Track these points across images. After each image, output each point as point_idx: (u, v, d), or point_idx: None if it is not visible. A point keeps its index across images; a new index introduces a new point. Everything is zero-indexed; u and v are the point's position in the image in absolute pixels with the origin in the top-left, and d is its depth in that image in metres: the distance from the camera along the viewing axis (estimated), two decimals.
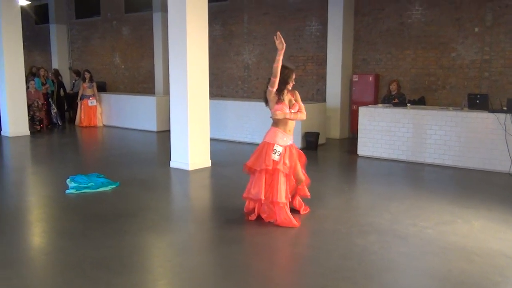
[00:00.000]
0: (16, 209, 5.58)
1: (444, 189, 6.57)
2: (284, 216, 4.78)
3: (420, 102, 9.72)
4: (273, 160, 4.80)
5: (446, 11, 9.86)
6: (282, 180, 4.79)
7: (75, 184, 6.29)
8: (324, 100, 11.33)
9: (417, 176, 7.57)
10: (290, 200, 5.05)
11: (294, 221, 4.77)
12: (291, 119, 4.99)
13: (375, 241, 4.44)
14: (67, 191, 6.14)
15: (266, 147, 4.91)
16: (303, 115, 5.10)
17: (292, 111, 5.00)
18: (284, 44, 5.06)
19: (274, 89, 4.86)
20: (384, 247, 4.29)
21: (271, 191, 4.78)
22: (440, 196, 6.08)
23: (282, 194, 4.76)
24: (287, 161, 4.88)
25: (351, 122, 11.21)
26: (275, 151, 4.82)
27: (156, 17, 14.39)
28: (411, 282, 3.66)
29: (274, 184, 4.78)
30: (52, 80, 14.11)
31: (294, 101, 5.10)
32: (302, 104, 5.10)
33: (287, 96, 5.05)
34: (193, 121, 7.54)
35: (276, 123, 5.00)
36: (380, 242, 4.40)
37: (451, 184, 7.04)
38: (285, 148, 4.93)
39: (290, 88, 5.07)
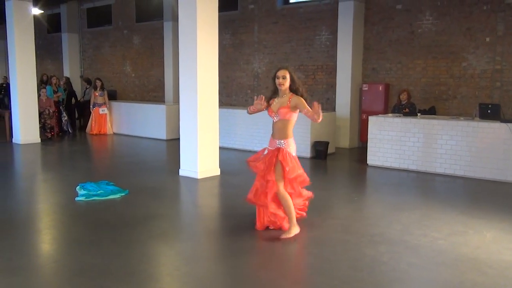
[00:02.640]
0: (26, 216, 5.61)
1: (455, 199, 6.50)
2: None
3: (430, 111, 9.65)
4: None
5: (456, 21, 9.82)
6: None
7: (85, 192, 6.32)
8: (334, 110, 11.31)
9: (428, 186, 7.50)
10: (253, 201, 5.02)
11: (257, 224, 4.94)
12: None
13: (385, 251, 4.39)
14: (77, 199, 6.17)
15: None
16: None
17: (275, 117, 4.92)
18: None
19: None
20: (395, 258, 4.24)
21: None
22: (451, 206, 6.01)
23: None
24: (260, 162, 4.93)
25: (361, 132, 11.16)
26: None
27: (167, 26, 14.51)
28: None
29: None
30: (64, 88, 14.24)
31: (289, 106, 4.82)
32: (308, 108, 4.82)
33: (278, 101, 4.94)
34: (202, 130, 7.55)
35: None
36: (391, 253, 4.36)
37: (462, 194, 6.96)
38: (268, 150, 5.03)
39: (282, 88, 4.92)
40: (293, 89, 4.89)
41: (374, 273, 3.91)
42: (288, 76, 4.87)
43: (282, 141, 4.84)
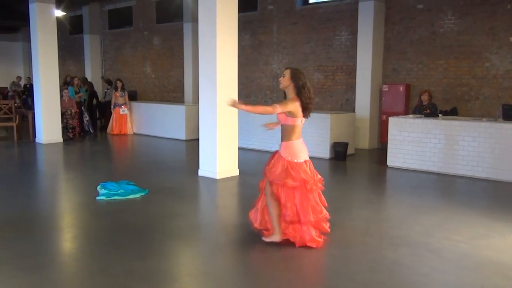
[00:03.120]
0: (49, 215, 5.71)
1: (478, 202, 6.39)
2: None
3: (452, 112, 9.50)
4: None
5: (479, 20, 9.66)
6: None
7: (106, 191, 6.39)
8: (353, 110, 11.23)
9: (449, 188, 7.39)
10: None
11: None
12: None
13: (406, 254, 4.34)
14: (98, 198, 6.24)
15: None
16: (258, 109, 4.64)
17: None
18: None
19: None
20: (416, 261, 4.18)
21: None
22: (474, 209, 5.91)
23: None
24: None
25: (381, 133, 11.06)
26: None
27: (187, 27, 14.61)
28: None
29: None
30: (86, 89, 14.44)
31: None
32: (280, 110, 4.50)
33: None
34: (221, 130, 7.58)
35: None
36: (411, 256, 4.30)
37: (484, 197, 6.84)
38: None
39: (280, 86, 4.70)
40: (296, 91, 4.59)
41: (394, 276, 3.86)
42: (288, 75, 4.58)
43: (280, 144, 4.72)
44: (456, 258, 4.24)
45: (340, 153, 9.50)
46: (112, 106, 13.70)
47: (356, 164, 9.33)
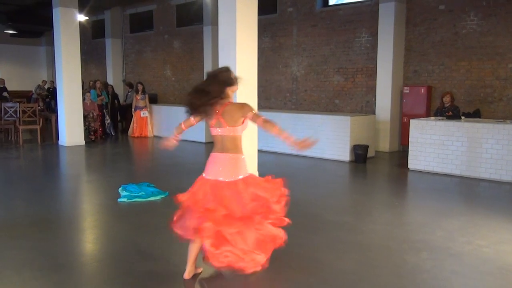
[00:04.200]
0: (71, 216, 5.80)
1: (502, 205, 6.26)
2: None
3: (475, 114, 9.35)
4: None
5: (503, 21, 9.48)
6: None
7: (127, 193, 6.47)
8: (374, 113, 11.14)
9: (472, 192, 7.26)
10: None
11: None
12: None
13: (427, 258, 4.28)
14: (119, 200, 6.32)
15: None
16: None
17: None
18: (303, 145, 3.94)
19: None
20: (437, 266, 4.12)
21: None
22: (497, 213, 5.80)
23: None
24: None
25: (402, 135, 10.94)
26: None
27: (207, 30, 14.69)
28: None
29: None
30: (107, 92, 14.64)
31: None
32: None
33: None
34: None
35: None
36: (433, 260, 4.24)
37: (509, 200, 6.70)
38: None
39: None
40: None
41: (415, 280, 3.82)
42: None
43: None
44: (478, 263, 4.17)
45: (360, 155, 9.43)
46: (133, 109, 13.86)
47: (376, 167, 9.25)
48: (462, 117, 8.59)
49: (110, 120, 13.92)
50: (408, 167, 8.65)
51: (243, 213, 3.56)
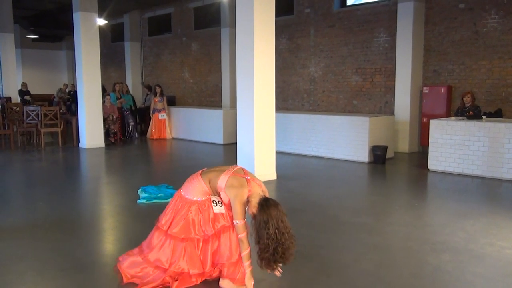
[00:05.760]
0: (92, 217, 5.88)
1: None
2: None
3: (496, 114, 9.20)
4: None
5: None
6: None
7: (146, 195, 6.52)
8: (393, 113, 11.04)
9: (494, 193, 7.14)
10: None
11: None
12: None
13: (448, 260, 4.22)
14: (139, 201, 6.38)
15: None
16: None
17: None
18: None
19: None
20: (459, 267, 4.06)
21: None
22: None
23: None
24: None
25: (421, 136, 10.81)
26: (214, 202, 3.65)
27: (224, 32, 14.76)
28: None
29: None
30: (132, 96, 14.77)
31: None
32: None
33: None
34: (259, 134, 7.60)
35: None
36: (454, 262, 4.18)
37: None
38: None
39: None
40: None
41: (436, 282, 3.77)
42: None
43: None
44: (500, 265, 4.10)
45: (379, 156, 9.35)
46: (151, 111, 13.98)
47: (396, 168, 9.16)
48: (483, 117, 8.46)
49: (134, 123, 14.04)
50: (428, 168, 8.55)
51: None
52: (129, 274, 3.71)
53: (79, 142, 12.17)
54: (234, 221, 3.48)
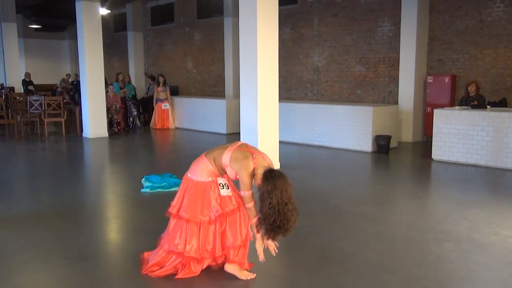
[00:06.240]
0: (95, 206, 5.90)
1: None
2: None
3: (501, 104, 9.15)
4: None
5: None
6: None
7: (150, 184, 6.54)
8: (396, 103, 11.00)
9: (498, 183, 7.12)
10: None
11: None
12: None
13: (452, 249, 4.22)
14: (142, 190, 6.40)
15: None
16: None
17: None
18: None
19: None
20: (462, 257, 4.06)
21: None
22: None
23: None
24: None
25: (425, 125, 10.77)
26: (221, 185, 3.64)
27: (227, 22, 14.68)
28: None
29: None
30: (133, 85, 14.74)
31: None
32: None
33: None
34: (262, 124, 7.58)
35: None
36: (458, 251, 4.18)
37: None
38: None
39: None
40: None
41: (439, 271, 3.77)
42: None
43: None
44: (504, 254, 4.10)
45: (382, 146, 9.33)
46: (154, 101, 13.97)
47: (399, 158, 9.14)
48: (488, 107, 8.42)
49: (136, 113, 14.02)
50: (432, 157, 8.53)
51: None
52: (150, 263, 3.72)
53: (82, 132, 12.18)
54: (241, 192, 3.49)
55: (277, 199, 3.27)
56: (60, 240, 4.55)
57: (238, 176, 3.47)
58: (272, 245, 3.55)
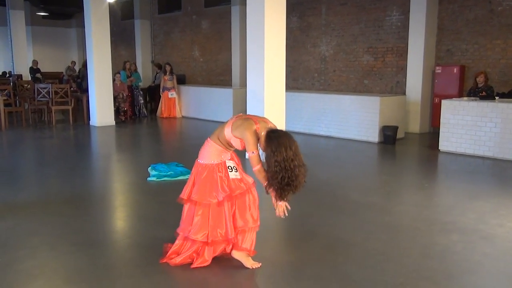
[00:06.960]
0: (102, 194, 5.94)
1: None
2: None
3: (510, 95, 9.06)
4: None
5: None
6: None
7: (156, 172, 6.56)
8: (404, 93, 10.93)
9: (506, 174, 7.08)
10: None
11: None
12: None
13: (457, 240, 4.22)
14: (149, 179, 6.43)
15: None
16: None
17: None
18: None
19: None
20: (468, 248, 4.06)
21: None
22: None
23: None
24: None
25: (433, 116, 10.71)
26: (230, 168, 3.71)
27: (235, 10, 14.60)
28: (495, 285, 3.44)
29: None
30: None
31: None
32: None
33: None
34: (269, 113, 7.56)
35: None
36: (463, 242, 4.18)
37: None
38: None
39: None
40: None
41: (445, 262, 3.77)
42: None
43: None
44: (510, 246, 4.09)
45: (389, 137, 9.30)
46: (161, 90, 13.98)
47: (406, 148, 9.11)
48: (496, 98, 8.35)
49: (143, 101, 14.03)
50: (439, 148, 8.49)
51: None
52: (169, 251, 3.75)
53: (89, 120, 12.23)
54: (248, 154, 3.50)
55: (283, 156, 3.25)
56: (68, 227, 4.59)
57: (243, 139, 3.46)
58: (282, 206, 3.52)
